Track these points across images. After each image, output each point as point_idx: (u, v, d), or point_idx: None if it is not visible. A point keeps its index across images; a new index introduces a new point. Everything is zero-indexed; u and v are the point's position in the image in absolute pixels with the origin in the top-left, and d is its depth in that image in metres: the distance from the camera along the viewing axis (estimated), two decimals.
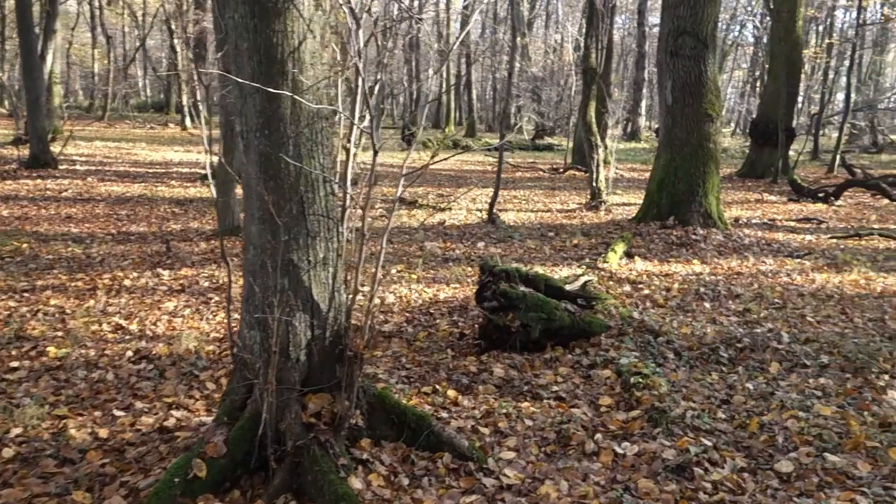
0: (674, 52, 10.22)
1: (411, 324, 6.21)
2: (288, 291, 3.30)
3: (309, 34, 3.16)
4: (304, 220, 3.31)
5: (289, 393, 3.34)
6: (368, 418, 3.63)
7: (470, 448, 3.73)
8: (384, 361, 5.23)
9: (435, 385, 4.76)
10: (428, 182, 17.08)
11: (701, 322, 6.37)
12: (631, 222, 10.93)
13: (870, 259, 9.52)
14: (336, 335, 3.51)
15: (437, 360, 5.27)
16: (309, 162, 3.26)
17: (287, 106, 3.13)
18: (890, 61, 54.75)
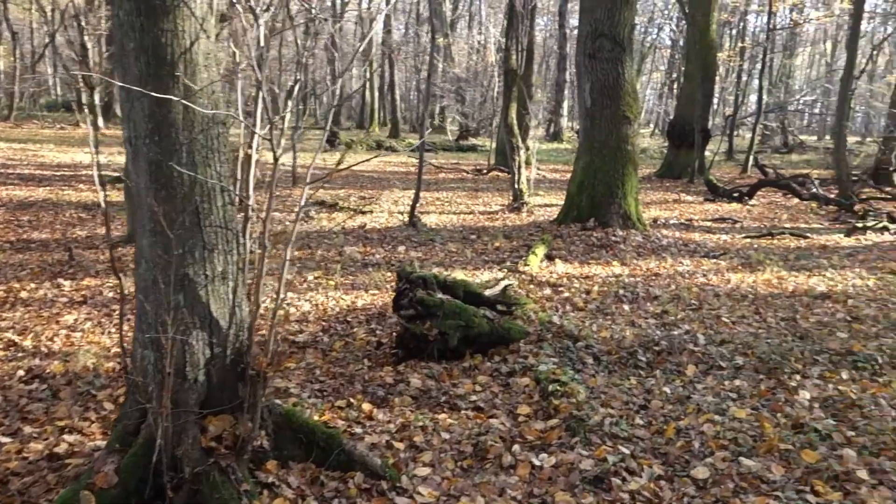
0: (592, 55, 10.28)
1: (327, 333, 6.03)
2: (183, 308, 3.09)
3: (202, 34, 2.96)
4: (201, 232, 3.11)
5: (186, 416, 3.14)
6: (275, 439, 3.45)
7: (383, 466, 3.58)
8: (297, 374, 5.04)
9: (349, 398, 4.59)
10: (350, 184, 16.85)
11: (620, 325, 6.37)
12: (552, 224, 10.95)
13: (782, 258, 9.76)
14: (237, 353, 3.32)
15: (353, 372, 5.11)
16: (204, 170, 3.06)
17: (179, 110, 2.93)
18: (799, 64, 56.90)
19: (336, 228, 10.78)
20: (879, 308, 7.32)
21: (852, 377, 5.26)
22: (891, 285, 8.38)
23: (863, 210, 14.18)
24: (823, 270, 9.09)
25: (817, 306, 7.35)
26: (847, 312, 7.11)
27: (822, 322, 6.73)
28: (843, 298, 7.64)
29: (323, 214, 11.98)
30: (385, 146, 29.40)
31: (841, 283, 8.45)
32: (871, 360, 5.49)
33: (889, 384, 5.12)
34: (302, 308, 6.65)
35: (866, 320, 6.86)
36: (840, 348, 5.75)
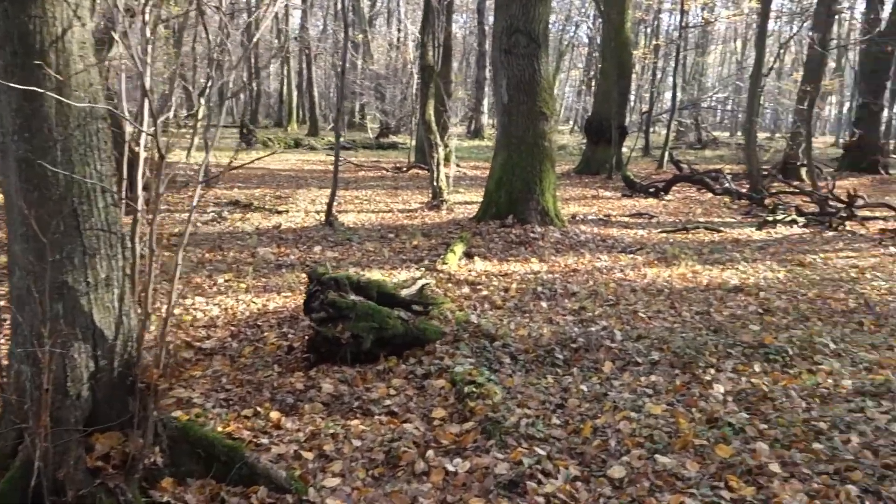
0: (508, 51, 10.24)
1: (237, 338, 5.78)
2: (62, 319, 2.84)
3: (76, 21, 2.72)
4: (80, 237, 2.86)
5: (69, 435, 2.89)
6: (170, 454, 3.22)
7: (288, 478, 3.40)
8: (202, 383, 4.79)
9: (257, 407, 4.38)
10: (266, 183, 16.46)
11: (538, 323, 6.32)
12: (471, 221, 10.88)
13: (696, 252, 9.92)
14: (126, 365, 3.08)
15: (262, 378, 4.89)
16: (82, 169, 2.82)
17: (51, 104, 2.68)
18: (711, 62, 58.63)
19: (250, 229, 10.46)
20: (789, 300, 7.48)
21: (764, 370, 5.31)
22: (799, 277, 8.59)
23: (773, 204, 14.59)
24: (736, 264, 9.27)
25: (730, 299, 7.46)
26: (759, 305, 7.23)
27: (736, 315, 6.82)
28: (755, 291, 7.78)
29: (237, 215, 11.63)
30: (303, 144, 28.98)
31: (753, 275, 8.62)
32: (782, 352, 5.57)
33: (799, 376, 5.19)
34: (211, 313, 6.37)
35: (777, 312, 6.99)
36: (752, 341, 5.81)
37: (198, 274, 7.69)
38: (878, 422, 4.37)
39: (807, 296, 7.69)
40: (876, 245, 10.93)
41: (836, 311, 7.12)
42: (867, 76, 22.24)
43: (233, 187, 15.19)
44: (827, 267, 9.24)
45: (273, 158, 23.27)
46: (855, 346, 5.92)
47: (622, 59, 20.19)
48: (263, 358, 5.31)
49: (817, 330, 6.30)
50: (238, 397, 4.55)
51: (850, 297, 7.66)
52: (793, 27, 27.77)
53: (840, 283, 8.33)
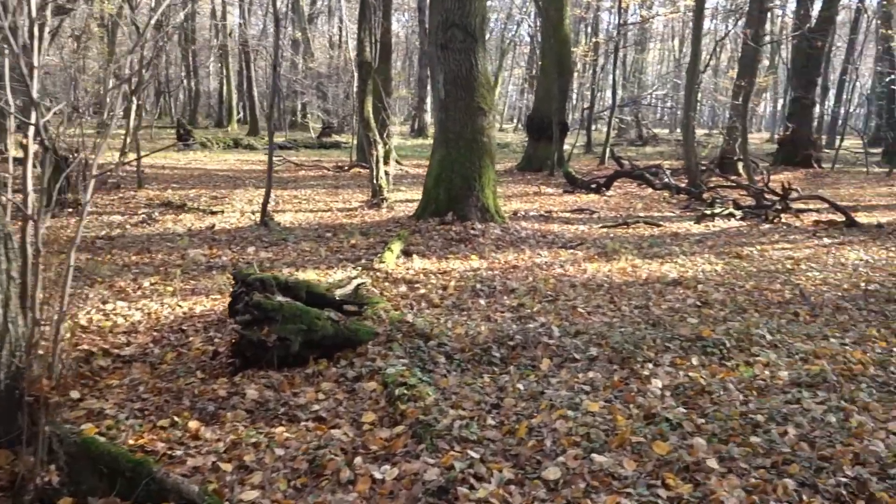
0: (444, 46, 10.08)
1: (159, 344, 5.50)
2: None
3: None
4: None
5: None
6: (69, 472, 2.97)
7: (201, 493, 3.17)
8: (117, 393, 4.51)
9: (174, 416, 4.13)
10: (202, 184, 16.02)
11: (475, 321, 6.17)
12: (411, 219, 10.70)
13: (636, 246, 9.90)
14: (13, 377, 2.82)
15: (183, 386, 4.63)
16: None
17: None
18: (650, 60, 59.47)
19: (182, 230, 10.11)
20: (727, 292, 7.48)
21: (702, 363, 5.25)
22: (737, 269, 8.62)
23: (711, 198, 14.74)
24: (675, 257, 9.27)
25: (669, 293, 7.43)
26: (697, 298, 7.21)
27: (674, 308, 6.78)
28: (693, 284, 7.77)
29: (169, 216, 11.24)
30: (243, 144, 28.42)
31: (691, 269, 8.63)
32: (720, 345, 5.52)
33: (736, 368, 5.14)
34: (133, 318, 6.07)
35: (715, 305, 6.97)
36: (690, 334, 5.75)
37: (122, 278, 7.35)
38: (814, 413, 4.33)
39: (744, 287, 7.70)
40: (810, 237, 11.08)
41: (772, 303, 7.14)
42: (798, 72, 22.72)
43: (166, 188, 14.75)
44: (763, 259, 9.30)
45: (211, 159, 22.80)
46: (791, 336, 5.91)
47: (562, 56, 20.21)
48: (186, 364, 5.05)
49: (754, 321, 6.28)
50: (155, 407, 4.30)
51: (786, 288, 7.70)
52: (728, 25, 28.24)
53: (776, 274, 8.38)
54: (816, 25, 21.40)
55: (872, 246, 10.24)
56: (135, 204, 12.44)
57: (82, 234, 9.57)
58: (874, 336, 6.00)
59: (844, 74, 31.90)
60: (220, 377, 4.77)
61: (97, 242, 9.09)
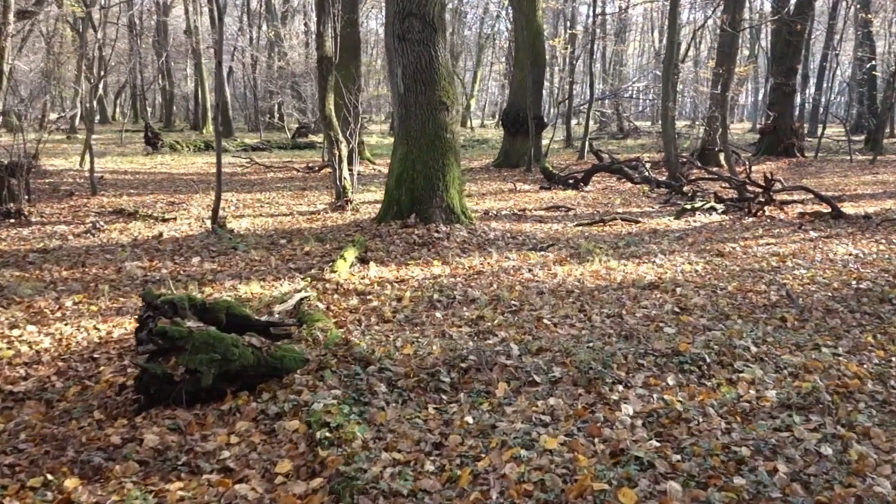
0: (401, 37, 9.43)
1: (64, 376, 4.83)
2: None
3: None
4: None
5: None
6: None
7: None
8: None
9: (48, 474, 3.47)
10: (163, 188, 15.28)
11: (428, 337, 5.54)
12: (373, 222, 10.04)
13: (612, 246, 9.30)
14: None
15: (72, 431, 3.96)
16: None
17: None
18: (631, 52, 59.06)
19: (126, 240, 9.41)
20: (707, 296, 6.89)
21: (679, 382, 4.65)
22: (718, 269, 8.04)
23: (691, 191, 14.18)
24: (653, 257, 8.68)
25: (645, 297, 6.83)
26: (675, 303, 6.61)
27: (649, 316, 6.18)
28: (671, 287, 7.17)
29: (118, 225, 10.53)
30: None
31: (670, 269, 8.04)
32: (699, 361, 4.92)
33: (717, 388, 4.54)
34: (40, 344, 5.38)
35: (694, 311, 6.38)
36: (666, 348, 5.14)
37: (45, 296, 6.67)
38: (807, 443, 3.73)
39: (726, 290, 7.12)
40: (796, 230, 10.52)
41: (757, 306, 6.56)
42: (778, 59, 22.21)
43: (122, 194, 14.03)
44: (747, 256, 8.73)
45: (178, 162, 22.03)
46: (778, 346, 5.32)
47: (535, 48, 19.61)
48: (88, 401, 4.38)
49: (737, 330, 5.68)
50: (30, 461, 3.63)
51: (772, 289, 7.12)
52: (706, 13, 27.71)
53: (761, 273, 7.80)
54: (795, 10, 20.90)
55: (861, 239, 9.69)
56: (85, 212, 11.72)
57: (14, 248, 8.92)
58: (870, 344, 5.42)
59: (825, 61, 31.46)
60: (120, 417, 4.11)
61: (30, 256, 8.38)
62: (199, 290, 6.94)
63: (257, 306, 6.30)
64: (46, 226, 10.48)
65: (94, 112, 35.35)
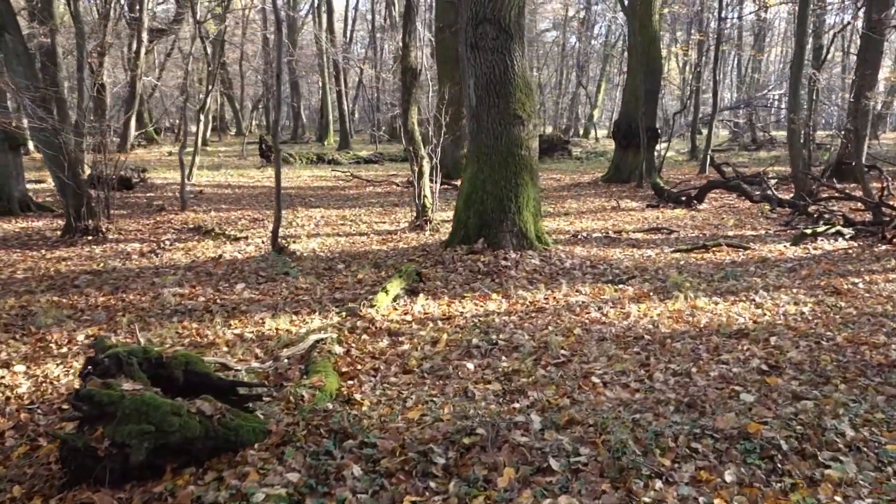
0: (474, 45, 8.62)
1: (21, 431, 4.28)
2: None
3: None
4: None
5: None
6: None
7: None
8: None
9: None
10: (255, 204, 15.09)
11: (446, 397, 4.69)
12: (440, 247, 9.25)
13: (706, 279, 8.12)
14: None
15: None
16: None
17: None
18: (772, 59, 55.76)
19: (185, 262, 9.05)
20: (808, 349, 5.68)
21: (739, 479, 3.58)
22: (830, 312, 6.75)
23: (818, 212, 12.59)
24: (753, 293, 7.45)
25: (728, 348, 5.70)
26: (764, 358, 5.45)
27: (726, 376, 5.06)
28: (764, 336, 5.99)
29: (187, 244, 10.23)
30: (326, 159, 27.69)
31: (770, 310, 6.81)
32: (772, 448, 3.82)
33: (790, 492, 3.45)
34: (18, 389, 4.90)
35: (786, 370, 5.21)
36: (732, 427, 4.06)
37: (61, 327, 6.26)
38: None
39: (834, 341, 5.87)
40: None
41: (869, 366, 5.30)
42: None
43: (212, 210, 13.90)
44: (869, 295, 7.35)
45: (286, 175, 22.05)
46: (886, 428, 4.13)
47: (650, 54, 18.31)
48: (23, 469, 3.80)
49: (835, 401, 4.51)
50: None
51: (893, 342, 5.81)
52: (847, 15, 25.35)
53: (882, 319, 6.46)
54: None
55: None
56: (165, 229, 11.56)
57: (66, 269, 8.72)
58: None
59: None
60: (36, 497, 3.48)
61: (80, 279, 8.11)
62: (226, 323, 6.37)
63: (273, 346, 5.64)
64: (121, 244, 10.33)
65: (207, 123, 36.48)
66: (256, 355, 5.46)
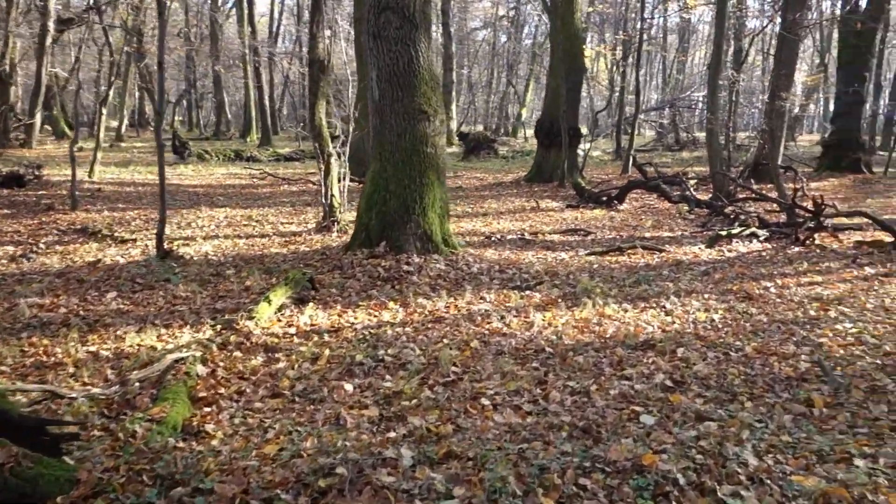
0: (377, 34, 8.08)
1: None
2: None
3: None
4: None
5: None
6: None
7: None
8: None
9: None
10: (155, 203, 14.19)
11: (314, 425, 4.14)
12: (340, 251, 8.68)
13: (617, 284, 7.76)
14: None
15: None
16: None
17: None
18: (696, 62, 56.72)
19: (58, 267, 8.25)
20: (716, 361, 5.33)
21: None
22: (741, 319, 6.44)
23: (734, 213, 12.45)
24: (664, 299, 7.11)
25: (633, 362, 5.30)
26: (670, 373, 5.07)
27: (627, 395, 4.65)
28: (671, 347, 5.61)
29: (65, 247, 9.40)
30: (245, 156, 26.73)
31: (679, 318, 6.47)
32: (668, 483, 3.39)
33: None
34: None
35: (691, 385, 4.83)
36: (626, 458, 3.63)
37: None
38: None
39: (743, 351, 5.53)
40: (849, 264, 8.78)
41: (777, 379, 4.97)
42: (845, 67, 20.14)
43: (105, 209, 12.99)
44: (781, 300, 7.09)
45: (198, 173, 21.16)
46: (792, 454, 3.76)
47: (572, 53, 18.04)
48: None
49: (740, 421, 4.15)
50: None
51: (803, 352, 5.51)
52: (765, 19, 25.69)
53: (793, 327, 6.17)
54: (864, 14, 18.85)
55: None
56: (48, 230, 10.67)
57: None
58: None
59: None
60: None
61: None
62: (83, 339, 5.67)
63: (130, 366, 5.00)
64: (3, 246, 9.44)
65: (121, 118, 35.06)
66: (106, 378, 4.81)
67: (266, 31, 45.48)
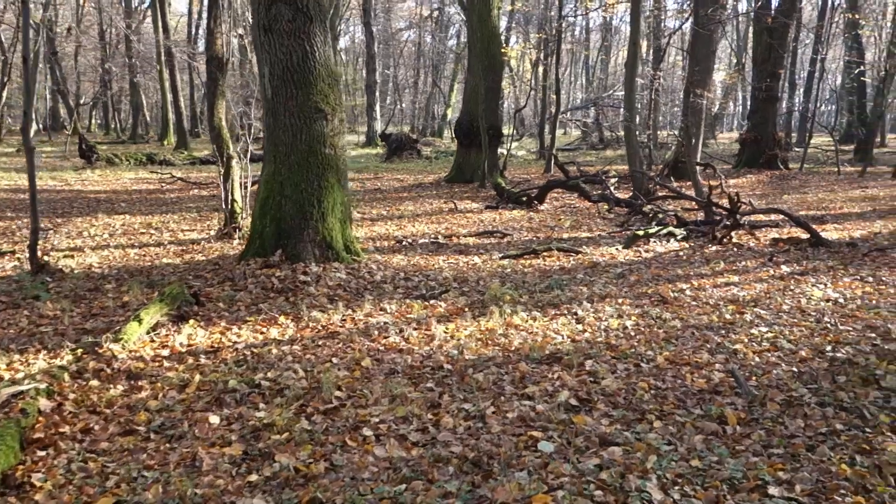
0: (268, 28, 7.50)
1: None
2: None
3: None
4: None
5: None
6: None
7: None
8: None
9: None
10: (49, 210, 13.28)
11: (163, 469, 3.58)
12: (235, 261, 8.06)
13: (529, 290, 7.36)
14: None
15: None
16: None
17: None
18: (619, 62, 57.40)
19: None
20: (626, 374, 4.96)
21: None
22: (654, 326, 6.09)
23: (652, 212, 12.25)
24: (577, 305, 6.74)
25: (537, 378, 4.88)
26: (576, 389, 4.66)
27: (527, 418, 4.21)
28: (579, 359, 5.21)
29: None
30: (157, 160, 25.63)
31: (590, 326, 6.09)
32: None
33: None
34: None
35: (598, 404, 4.43)
36: (516, 499, 3.18)
37: None
38: None
39: (655, 362, 5.18)
40: (766, 262, 8.60)
41: (689, 393, 4.61)
42: (760, 65, 20.35)
43: None
44: (696, 304, 6.80)
45: (104, 178, 20.11)
46: (699, 486, 3.37)
47: (490, 51, 17.71)
48: None
49: (647, 445, 3.76)
50: None
51: (717, 360, 5.20)
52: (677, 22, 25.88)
53: (708, 333, 5.87)
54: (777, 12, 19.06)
55: (844, 276, 7.77)
56: None
57: None
58: (842, 476, 3.46)
59: (813, 66, 29.64)
60: None
61: None
62: None
63: None
64: None
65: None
66: None
67: (185, 32, 44.18)
